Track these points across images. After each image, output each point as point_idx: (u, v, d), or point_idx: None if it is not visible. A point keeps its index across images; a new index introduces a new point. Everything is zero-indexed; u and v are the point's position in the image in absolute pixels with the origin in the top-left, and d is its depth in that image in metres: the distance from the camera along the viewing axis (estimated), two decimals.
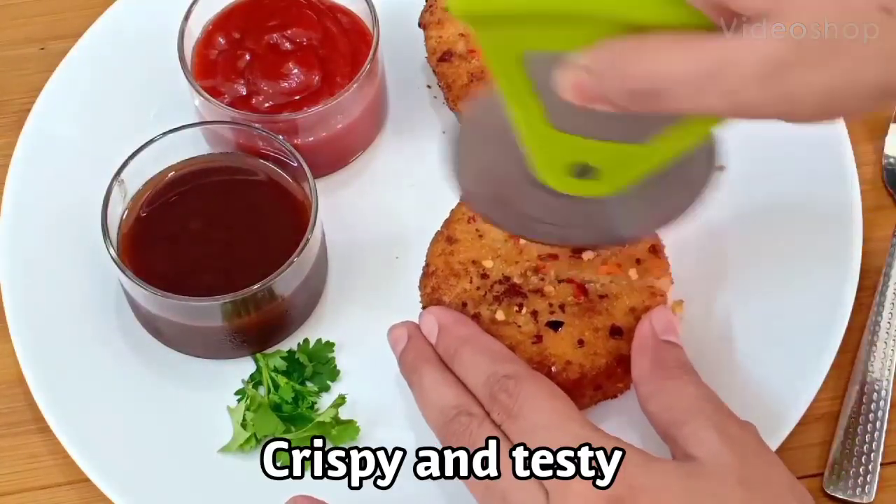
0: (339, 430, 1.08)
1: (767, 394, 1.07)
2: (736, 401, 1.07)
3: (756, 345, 1.09)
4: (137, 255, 1.10)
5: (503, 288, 1.04)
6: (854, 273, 1.11)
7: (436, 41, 1.20)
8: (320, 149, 1.18)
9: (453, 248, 1.07)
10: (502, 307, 1.03)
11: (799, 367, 1.07)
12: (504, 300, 1.03)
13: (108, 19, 1.28)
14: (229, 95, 1.17)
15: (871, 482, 1.07)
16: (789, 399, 1.06)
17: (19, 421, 1.13)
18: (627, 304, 1.03)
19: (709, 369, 1.09)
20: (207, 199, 1.14)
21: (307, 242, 1.07)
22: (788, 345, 1.09)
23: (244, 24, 1.20)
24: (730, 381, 1.08)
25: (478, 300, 1.04)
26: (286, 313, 1.12)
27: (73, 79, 1.25)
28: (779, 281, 1.12)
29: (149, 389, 1.11)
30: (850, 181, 1.16)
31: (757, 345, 1.09)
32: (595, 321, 1.02)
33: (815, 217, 1.13)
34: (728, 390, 1.08)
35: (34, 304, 1.14)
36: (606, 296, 1.03)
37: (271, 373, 1.11)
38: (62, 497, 1.10)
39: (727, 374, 1.09)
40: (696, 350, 1.04)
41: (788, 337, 1.09)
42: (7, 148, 1.23)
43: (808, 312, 1.10)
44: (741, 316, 1.11)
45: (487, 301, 1.04)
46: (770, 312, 1.11)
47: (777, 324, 1.10)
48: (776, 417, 1.05)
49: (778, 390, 1.07)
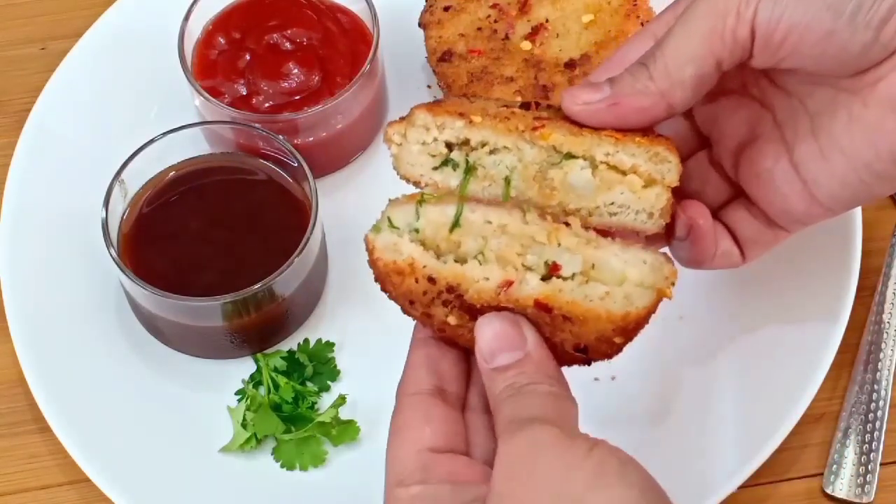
0: (339, 430, 1.08)
1: (767, 394, 1.07)
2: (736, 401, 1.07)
3: (756, 345, 1.09)
4: (138, 255, 1.10)
5: (452, 297, 0.89)
6: (854, 273, 1.11)
7: (436, 41, 1.20)
8: (320, 149, 1.18)
9: (441, 104, 0.92)
10: (454, 314, 0.91)
11: (799, 367, 1.07)
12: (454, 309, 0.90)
13: (108, 19, 1.28)
14: (229, 95, 1.17)
15: (871, 482, 1.07)
16: (789, 399, 1.06)
17: (19, 421, 1.13)
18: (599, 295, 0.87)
19: (709, 370, 1.09)
20: (207, 198, 1.14)
21: (307, 242, 1.07)
22: (788, 344, 1.09)
23: (244, 25, 1.20)
24: (730, 381, 1.08)
25: (426, 303, 0.89)
26: (286, 313, 1.12)
27: (73, 79, 1.25)
28: (779, 281, 1.12)
29: (149, 389, 1.11)
30: None
31: (757, 345, 1.09)
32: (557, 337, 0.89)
33: None
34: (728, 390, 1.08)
35: (34, 304, 1.14)
36: (570, 320, 0.87)
37: (271, 373, 1.11)
38: (62, 497, 1.10)
39: (727, 374, 1.09)
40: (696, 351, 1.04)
41: (788, 336, 1.09)
42: (7, 148, 1.23)
43: (808, 312, 1.10)
44: (741, 316, 1.11)
45: (436, 305, 0.90)
46: (770, 312, 1.11)
47: (777, 323, 1.10)
48: (776, 417, 1.05)
49: (778, 390, 1.07)
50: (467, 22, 1.20)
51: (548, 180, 0.89)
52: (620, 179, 0.89)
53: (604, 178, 0.89)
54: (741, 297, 1.12)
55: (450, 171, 0.91)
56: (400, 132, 0.91)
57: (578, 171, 0.89)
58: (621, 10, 1.18)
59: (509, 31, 1.19)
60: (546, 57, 1.17)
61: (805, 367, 1.07)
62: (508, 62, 1.17)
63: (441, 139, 0.90)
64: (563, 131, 0.89)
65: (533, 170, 0.90)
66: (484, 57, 1.18)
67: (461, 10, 1.21)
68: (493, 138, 0.89)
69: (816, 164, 0.89)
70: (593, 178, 0.89)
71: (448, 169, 0.91)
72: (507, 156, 0.89)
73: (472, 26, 1.20)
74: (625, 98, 0.88)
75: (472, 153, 0.90)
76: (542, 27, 1.18)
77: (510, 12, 1.20)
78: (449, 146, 0.90)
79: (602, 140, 0.88)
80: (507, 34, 1.19)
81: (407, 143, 0.91)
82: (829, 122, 0.88)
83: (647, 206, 0.89)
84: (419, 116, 0.90)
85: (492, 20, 1.20)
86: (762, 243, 0.97)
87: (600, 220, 0.89)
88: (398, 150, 0.91)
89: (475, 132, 0.89)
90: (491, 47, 1.18)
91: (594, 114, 0.88)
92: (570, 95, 0.89)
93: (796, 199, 0.91)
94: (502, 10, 1.20)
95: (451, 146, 0.90)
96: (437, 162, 0.91)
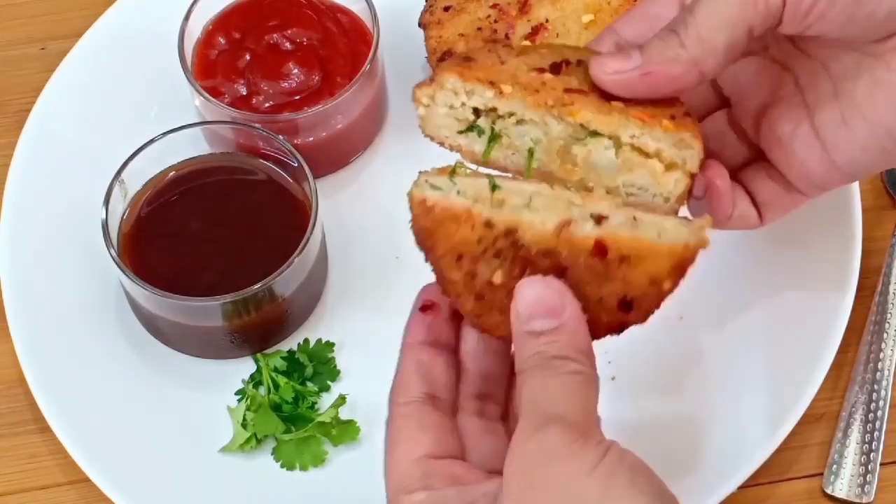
0: (339, 430, 1.08)
1: (767, 394, 1.07)
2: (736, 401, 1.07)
3: (756, 344, 1.10)
4: (138, 255, 1.10)
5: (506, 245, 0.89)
6: (854, 273, 1.11)
7: (436, 41, 1.20)
8: (320, 149, 1.18)
9: (471, 64, 0.92)
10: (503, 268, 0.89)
11: (799, 367, 1.07)
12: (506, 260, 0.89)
13: (108, 19, 1.28)
14: (229, 95, 1.17)
15: (871, 482, 1.07)
16: (789, 399, 1.06)
17: (19, 421, 1.13)
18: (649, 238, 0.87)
19: (708, 370, 1.09)
20: (208, 198, 1.14)
21: (307, 242, 1.07)
22: (788, 345, 1.09)
23: (244, 24, 1.20)
24: (730, 380, 1.08)
25: (476, 256, 0.88)
26: (286, 313, 1.12)
27: (73, 79, 1.25)
28: (779, 281, 1.12)
29: (149, 389, 1.11)
30: None
31: (757, 344, 1.10)
32: (605, 289, 0.87)
33: (815, 217, 1.13)
34: (728, 390, 1.08)
35: (34, 304, 1.14)
36: (627, 261, 0.86)
37: (271, 373, 1.11)
38: (62, 497, 1.10)
39: (727, 374, 1.09)
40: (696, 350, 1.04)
41: (788, 336, 1.09)
42: (7, 148, 1.23)
43: (808, 312, 1.10)
44: (741, 316, 1.11)
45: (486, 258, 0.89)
46: (770, 312, 1.11)
47: (777, 323, 1.10)
48: (776, 417, 1.05)
49: (778, 390, 1.07)
50: (467, 22, 1.20)
51: (570, 156, 0.91)
52: (643, 162, 0.89)
53: (626, 159, 0.89)
54: (741, 297, 1.12)
55: (475, 137, 0.92)
56: (428, 94, 0.92)
57: (602, 151, 0.90)
58: (621, 10, 1.18)
59: (509, 31, 1.19)
60: None
61: (805, 367, 1.07)
62: None
63: (469, 105, 0.91)
64: (591, 108, 0.89)
65: (557, 144, 0.91)
66: None
67: (461, 10, 1.21)
68: (522, 110, 0.90)
69: (837, 130, 0.90)
70: (616, 159, 0.90)
71: (473, 134, 0.92)
72: (533, 128, 0.90)
73: (472, 26, 1.20)
74: (656, 67, 0.87)
75: (498, 121, 0.91)
76: (542, 27, 1.18)
77: (510, 12, 1.20)
78: (476, 112, 0.91)
79: (629, 121, 0.89)
80: (507, 34, 1.19)
81: (434, 106, 0.92)
82: (851, 87, 0.88)
83: (664, 190, 0.90)
84: (449, 80, 0.91)
85: (492, 20, 1.20)
86: (780, 206, 0.97)
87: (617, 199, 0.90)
88: (425, 112, 0.92)
89: (504, 103, 0.90)
90: None
91: (625, 84, 0.88)
92: (600, 64, 0.89)
93: (816, 164, 0.92)
94: (502, 10, 1.20)
95: (478, 112, 0.91)
96: (462, 126, 0.92)
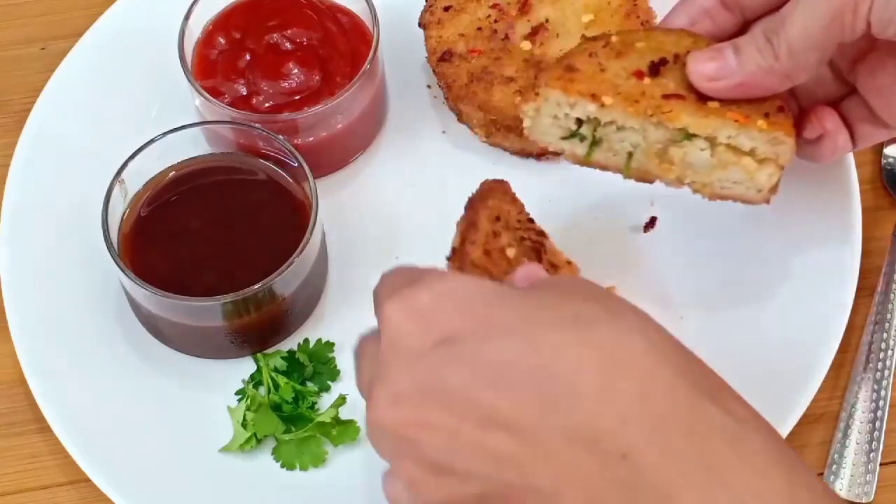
0: (339, 430, 1.08)
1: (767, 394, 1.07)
2: None
3: (756, 344, 1.10)
4: (138, 255, 1.10)
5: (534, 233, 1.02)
6: (854, 273, 1.11)
7: (436, 41, 1.20)
8: (320, 149, 1.18)
9: (573, 76, 0.97)
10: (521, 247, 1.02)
11: (799, 367, 1.08)
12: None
13: (108, 19, 1.28)
14: (229, 95, 1.17)
15: (871, 482, 1.07)
16: (789, 399, 1.06)
17: (19, 421, 1.13)
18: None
19: None
20: (208, 198, 1.14)
21: (307, 242, 1.07)
22: (788, 345, 1.09)
23: (244, 24, 1.20)
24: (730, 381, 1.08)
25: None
26: (286, 313, 1.12)
27: (73, 79, 1.25)
28: (779, 281, 1.12)
29: (149, 389, 1.11)
30: (849, 181, 1.16)
31: (757, 344, 1.10)
32: None
33: (816, 217, 1.13)
34: None
35: (34, 304, 1.14)
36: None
37: (271, 373, 1.11)
38: (62, 497, 1.10)
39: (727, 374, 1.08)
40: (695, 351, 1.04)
41: (788, 337, 1.09)
42: (7, 148, 1.23)
43: (808, 312, 1.10)
44: (741, 316, 1.11)
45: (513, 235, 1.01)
46: (770, 312, 1.11)
47: (777, 324, 1.10)
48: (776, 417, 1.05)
49: (778, 390, 1.07)
50: (467, 22, 1.20)
51: (668, 156, 0.97)
52: (737, 160, 0.96)
53: (721, 158, 0.96)
54: (741, 297, 1.12)
55: (577, 142, 0.99)
56: (534, 108, 0.98)
57: (698, 152, 0.96)
58: (621, 10, 1.18)
59: (509, 31, 1.19)
60: (546, 57, 1.17)
61: (805, 367, 1.07)
62: (508, 62, 1.17)
63: (572, 115, 0.97)
64: (689, 111, 0.95)
65: (656, 147, 0.97)
66: (484, 57, 1.18)
67: (461, 10, 1.21)
68: (623, 119, 0.96)
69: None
70: (711, 158, 0.96)
71: (576, 140, 0.99)
72: (633, 134, 0.97)
73: (472, 26, 1.20)
74: (751, 78, 0.93)
75: (599, 128, 0.97)
76: (542, 27, 1.18)
77: (510, 12, 1.20)
78: (578, 120, 0.98)
79: (726, 123, 0.95)
80: (507, 34, 1.19)
81: (539, 117, 0.99)
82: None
83: (757, 184, 0.97)
84: (553, 95, 0.97)
85: (492, 20, 1.20)
86: (875, 137, 1.02)
87: (711, 191, 0.98)
88: (531, 123, 0.99)
89: (605, 113, 0.96)
90: (491, 47, 1.18)
91: (721, 91, 0.95)
92: (697, 69, 0.95)
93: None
94: (502, 10, 1.20)
95: (580, 121, 0.98)
96: (566, 133, 0.99)
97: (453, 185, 1.19)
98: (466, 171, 1.18)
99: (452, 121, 1.22)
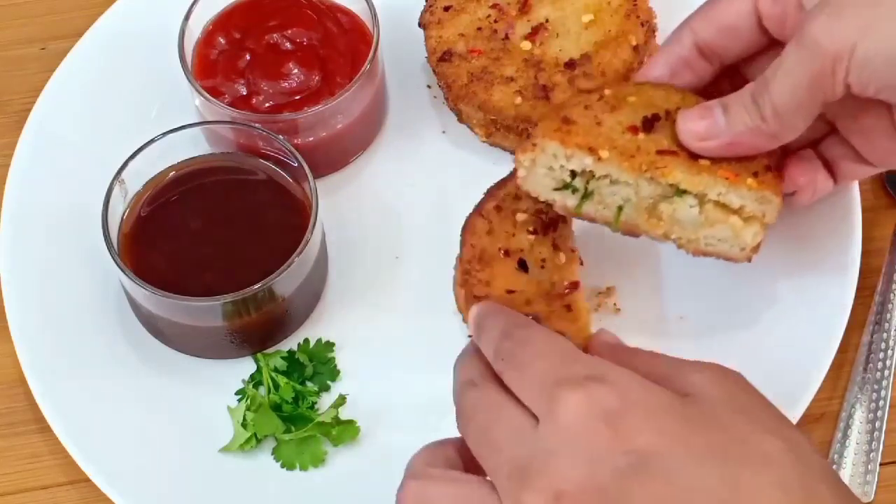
0: (339, 430, 1.08)
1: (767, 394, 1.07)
2: None
3: (756, 344, 1.09)
4: (138, 255, 1.10)
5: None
6: (854, 273, 1.11)
7: (436, 41, 1.20)
8: (320, 149, 1.18)
9: (570, 128, 0.97)
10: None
11: (799, 367, 1.07)
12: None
13: (108, 19, 1.28)
14: (229, 95, 1.17)
15: (871, 482, 1.07)
16: (789, 399, 1.06)
17: (19, 421, 1.13)
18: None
19: None
20: (208, 198, 1.14)
21: (307, 242, 1.07)
22: (788, 345, 1.09)
23: (244, 24, 1.20)
24: None
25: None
26: (286, 313, 1.12)
27: (73, 79, 1.25)
28: (779, 281, 1.12)
29: (149, 389, 1.11)
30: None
31: (757, 345, 1.09)
32: None
33: (816, 217, 1.13)
34: None
35: (34, 304, 1.14)
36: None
37: (271, 373, 1.11)
38: (62, 497, 1.10)
39: None
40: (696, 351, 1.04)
41: (788, 337, 1.09)
42: (7, 148, 1.23)
43: (808, 312, 1.10)
44: (741, 316, 1.11)
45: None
46: (770, 312, 1.11)
47: (777, 324, 1.10)
48: None
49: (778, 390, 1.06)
50: (467, 22, 1.20)
51: (657, 211, 0.98)
52: (724, 218, 0.98)
53: (709, 215, 0.97)
54: (741, 297, 1.12)
55: (568, 194, 0.99)
56: (530, 158, 0.98)
57: (688, 208, 0.97)
58: (621, 10, 1.18)
59: (509, 31, 1.19)
60: (546, 57, 1.17)
61: (805, 367, 1.07)
62: (508, 62, 1.17)
63: (567, 168, 0.98)
64: (681, 168, 0.96)
65: (646, 202, 0.98)
66: (484, 57, 1.18)
67: (461, 10, 1.21)
68: (617, 174, 0.97)
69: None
70: (699, 216, 0.98)
71: (567, 192, 0.99)
72: (625, 188, 0.97)
73: (472, 26, 1.20)
74: (739, 138, 0.95)
75: (592, 181, 0.98)
76: (542, 27, 1.18)
77: (510, 12, 1.20)
78: (572, 173, 0.98)
79: (717, 181, 0.96)
80: (507, 34, 1.19)
81: (534, 167, 0.99)
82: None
83: (742, 242, 0.98)
84: (550, 146, 0.97)
85: (492, 20, 1.20)
86: (857, 174, 1.04)
87: (696, 247, 0.99)
88: (526, 173, 0.99)
89: (601, 167, 0.97)
90: (491, 47, 1.18)
91: (712, 151, 0.96)
92: (687, 127, 0.96)
93: (894, 153, 0.98)
94: (502, 10, 1.20)
95: (574, 173, 0.98)
96: (559, 185, 0.99)
97: (453, 185, 1.19)
98: (466, 170, 1.19)
99: (452, 121, 1.22)
